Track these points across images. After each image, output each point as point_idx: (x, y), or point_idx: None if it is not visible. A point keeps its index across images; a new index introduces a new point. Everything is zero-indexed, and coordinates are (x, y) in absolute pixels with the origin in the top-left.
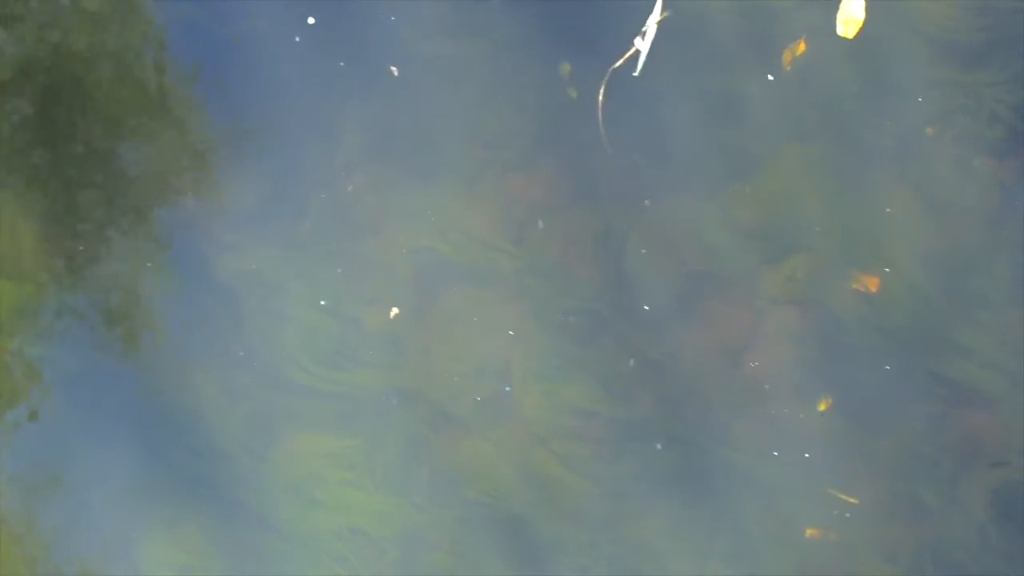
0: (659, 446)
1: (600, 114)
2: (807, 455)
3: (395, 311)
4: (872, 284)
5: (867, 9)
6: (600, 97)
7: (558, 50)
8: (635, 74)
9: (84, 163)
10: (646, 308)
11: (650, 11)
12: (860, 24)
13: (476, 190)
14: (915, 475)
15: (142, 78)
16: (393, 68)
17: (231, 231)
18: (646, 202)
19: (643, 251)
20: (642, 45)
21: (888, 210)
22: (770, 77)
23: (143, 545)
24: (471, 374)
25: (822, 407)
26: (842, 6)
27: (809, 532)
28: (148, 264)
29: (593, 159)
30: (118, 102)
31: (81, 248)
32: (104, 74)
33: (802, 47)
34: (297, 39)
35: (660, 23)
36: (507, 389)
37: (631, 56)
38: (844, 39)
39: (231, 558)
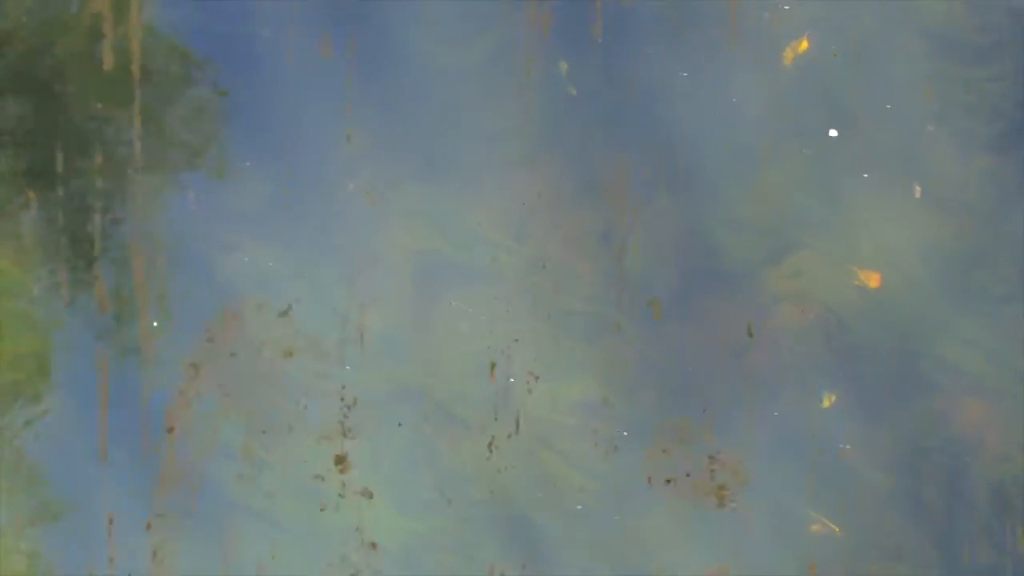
0: (663, 446)
1: None
2: (813, 451)
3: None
4: (873, 280)
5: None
6: None
7: (556, 48)
8: None
9: (81, 161)
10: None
11: None
12: None
13: (477, 187)
14: (918, 470)
15: (143, 75)
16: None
17: (232, 231)
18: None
19: (645, 247)
20: None
21: (889, 206)
22: None
23: (146, 549)
24: (474, 373)
25: (827, 403)
26: None
27: (814, 528)
28: (148, 264)
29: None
30: (117, 99)
31: (80, 247)
32: (103, 69)
33: (804, 45)
34: (298, 38)
35: None
36: (510, 388)
37: None
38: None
39: (234, 560)
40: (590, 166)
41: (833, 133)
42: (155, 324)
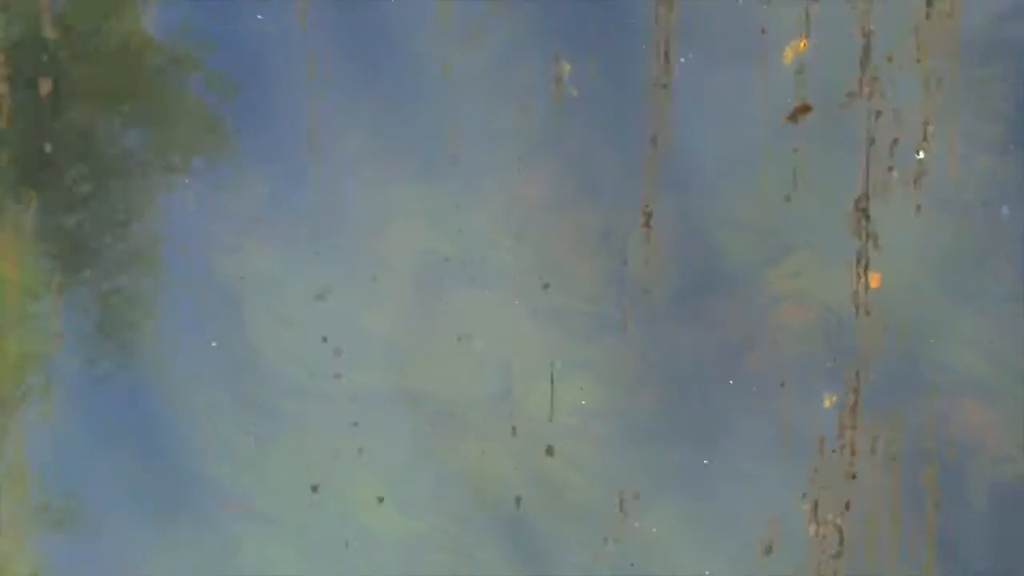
0: (665, 447)
1: None
2: (813, 451)
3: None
4: (873, 280)
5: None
6: None
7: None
8: None
9: (79, 160)
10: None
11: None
12: None
13: (477, 188)
14: (918, 470)
15: (139, 74)
16: None
17: (231, 232)
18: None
19: (645, 249)
20: None
21: (887, 206)
22: None
23: (143, 546)
24: (473, 373)
25: (827, 403)
26: None
27: (812, 530)
28: (147, 265)
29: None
30: (114, 97)
31: (78, 247)
32: (100, 68)
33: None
34: (297, 36)
35: None
36: (509, 388)
37: None
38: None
39: (231, 559)
40: (590, 166)
41: (1005, 211)
42: (157, 326)
